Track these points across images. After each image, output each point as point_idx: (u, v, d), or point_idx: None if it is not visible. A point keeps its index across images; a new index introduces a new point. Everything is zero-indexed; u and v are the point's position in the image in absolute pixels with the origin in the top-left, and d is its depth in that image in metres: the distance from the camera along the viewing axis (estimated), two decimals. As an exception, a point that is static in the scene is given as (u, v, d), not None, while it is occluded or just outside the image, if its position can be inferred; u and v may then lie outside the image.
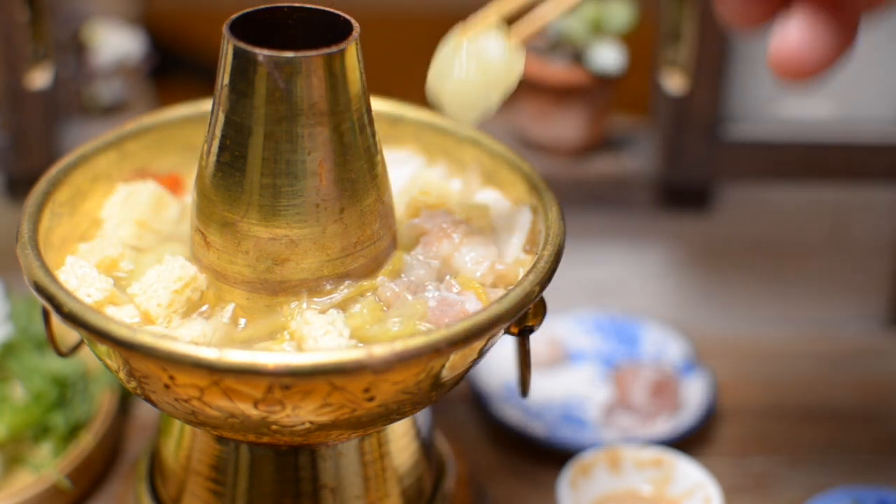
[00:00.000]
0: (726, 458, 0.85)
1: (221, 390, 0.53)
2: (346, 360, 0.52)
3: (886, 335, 1.01)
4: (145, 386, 0.56)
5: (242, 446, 0.64)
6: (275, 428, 0.56)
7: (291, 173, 0.57)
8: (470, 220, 0.65)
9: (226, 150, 0.58)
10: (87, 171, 0.66)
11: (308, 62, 0.55)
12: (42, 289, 0.56)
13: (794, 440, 0.87)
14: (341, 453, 0.65)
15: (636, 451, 0.79)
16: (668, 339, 0.93)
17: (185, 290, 0.59)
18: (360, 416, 0.56)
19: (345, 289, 0.60)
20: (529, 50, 0.96)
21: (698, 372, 0.90)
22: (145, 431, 0.84)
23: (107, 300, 0.59)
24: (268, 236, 0.58)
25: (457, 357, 0.57)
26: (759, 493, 0.82)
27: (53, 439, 0.79)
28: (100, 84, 1.09)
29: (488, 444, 0.86)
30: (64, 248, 0.64)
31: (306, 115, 0.56)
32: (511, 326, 0.61)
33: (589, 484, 0.77)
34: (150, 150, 0.70)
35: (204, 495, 0.66)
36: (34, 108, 0.90)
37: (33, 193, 0.63)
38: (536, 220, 0.65)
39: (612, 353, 0.94)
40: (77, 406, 0.81)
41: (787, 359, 0.97)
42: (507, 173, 0.69)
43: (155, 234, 0.66)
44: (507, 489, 0.81)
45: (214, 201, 0.59)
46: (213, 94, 0.59)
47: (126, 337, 0.53)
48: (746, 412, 0.90)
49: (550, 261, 0.60)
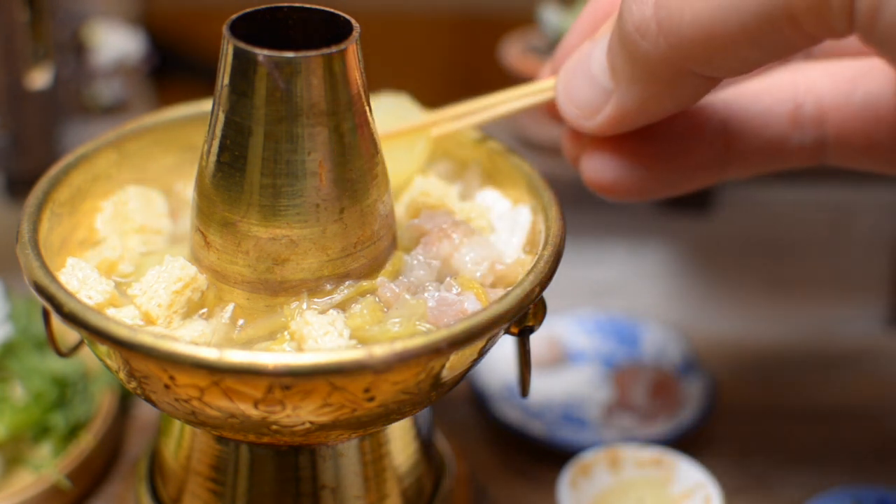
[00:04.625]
0: (726, 458, 0.85)
1: (221, 390, 0.53)
2: (346, 361, 0.52)
3: (886, 335, 1.01)
4: (145, 386, 0.56)
5: (242, 446, 0.64)
6: (275, 428, 0.56)
7: (291, 173, 0.57)
8: (470, 220, 0.65)
9: (226, 150, 0.58)
10: (87, 171, 0.67)
11: (308, 62, 0.55)
12: (42, 289, 0.56)
13: (794, 440, 0.87)
14: (341, 453, 0.65)
15: (636, 451, 0.79)
16: (668, 340, 0.93)
17: (185, 290, 0.59)
18: (361, 417, 0.56)
19: (345, 289, 0.60)
20: (529, 49, 0.96)
21: (698, 372, 0.90)
22: (145, 431, 0.84)
23: (108, 302, 0.59)
24: (268, 236, 0.58)
25: (457, 357, 0.57)
26: (759, 493, 0.82)
27: (53, 439, 0.79)
28: (100, 84, 1.09)
29: (488, 444, 0.86)
30: (64, 249, 0.64)
31: (306, 115, 0.56)
32: (511, 326, 0.61)
33: (589, 484, 0.77)
34: (150, 150, 0.70)
35: (204, 495, 0.66)
36: (34, 108, 0.90)
37: (33, 193, 0.63)
38: (536, 220, 0.65)
39: (612, 354, 0.94)
40: (77, 406, 0.81)
41: (787, 359, 0.97)
42: (507, 173, 0.69)
43: (155, 233, 0.66)
44: (507, 489, 0.81)
45: (214, 201, 0.59)
46: (213, 94, 0.59)
47: (126, 337, 0.53)
48: (746, 412, 0.90)
49: (550, 261, 0.60)
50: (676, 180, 0.63)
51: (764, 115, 0.63)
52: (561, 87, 0.60)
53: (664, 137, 0.62)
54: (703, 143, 0.62)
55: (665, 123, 0.61)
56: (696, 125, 0.62)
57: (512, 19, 1.12)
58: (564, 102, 0.60)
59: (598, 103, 0.57)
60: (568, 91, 0.59)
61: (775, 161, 0.64)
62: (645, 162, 0.61)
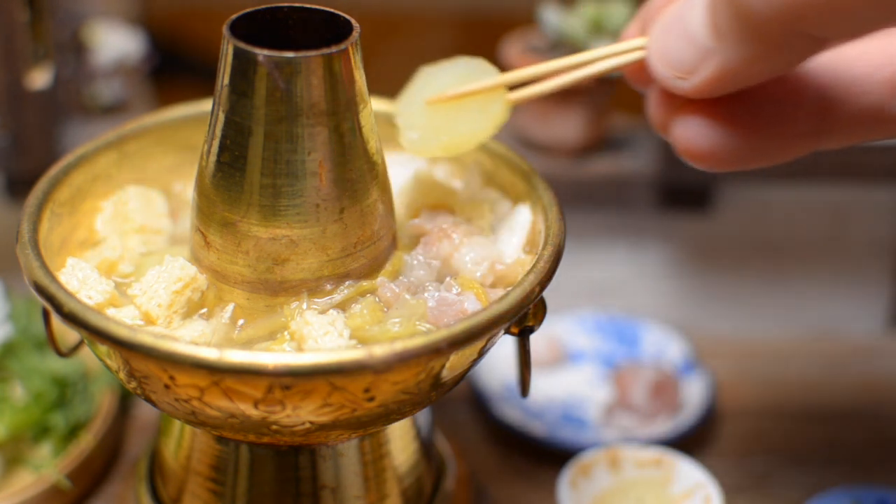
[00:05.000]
0: (726, 458, 0.85)
1: (221, 390, 0.53)
2: (346, 360, 0.52)
3: (886, 335, 1.01)
4: (145, 386, 0.56)
5: (242, 446, 0.64)
6: (275, 428, 0.56)
7: (291, 173, 0.57)
8: (470, 220, 0.65)
9: (226, 150, 0.58)
10: (87, 171, 0.66)
11: (308, 62, 0.55)
12: (42, 289, 0.56)
13: (794, 440, 0.87)
14: (341, 453, 0.65)
15: (636, 451, 0.79)
16: (668, 339, 0.93)
17: (185, 290, 0.59)
18: (361, 417, 0.56)
19: (345, 289, 0.60)
20: (529, 49, 0.97)
21: (698, 372, 0.90)
22: (145, 431, 0.84)
23: (108, 302, 0.59)
24: (268, 236, 0.58)
25: (457, 357, 0.57)
26: (759, 493, 0.82)
27: (53, 439, 0.79)
28: (100, 84, 1.09)
29: (488, 444, 0.86)
30: (64, 249, 0.64)
31: (306, 115, 0.56)
32: (511, 326, 0.61)
33: (589, 484, 0.77)
34: (150, 150, 0.70)
35: (204, 495, 0.66)
36: (34, 108, 0.90)
37: (33, 193, 0.63)
38: (536, 220, 0.65)
39: (612, 353, 0.94)
40: (77, 406, 0.81)
41: (787, 359, 0.97)
42: (507, 173, 0.69)
43: (155, 233, 0.66)
44: (507, 489, 0.81)
45: (214, 201, 0.59)
46: (213, 94, 0.59)
47: (126, 337, 0.53)
48: (746, 412, 0.90)
49: (550, 261, 0.60)
50: (772, 149, 0.59)
51: (862, 82, 0.59)
52: (654, 46, 0.56)
53: (761, 103, 0.58)
54: (801, 110, 0.59)
55: (762, 88, 0.58)
56: (794, 91, 0.59)
57: (512, 19, 1.11)
58: (658, 62, 0.56)
59: (697, 63, 0.54)
60: (662, 50, 0.56)
61: (873, 130, 0.61)
62: (741, 128, 0.58)
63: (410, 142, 0.61)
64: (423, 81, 0.61)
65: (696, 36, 0.53)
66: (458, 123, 0.60)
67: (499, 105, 0.60)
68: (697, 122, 0.57)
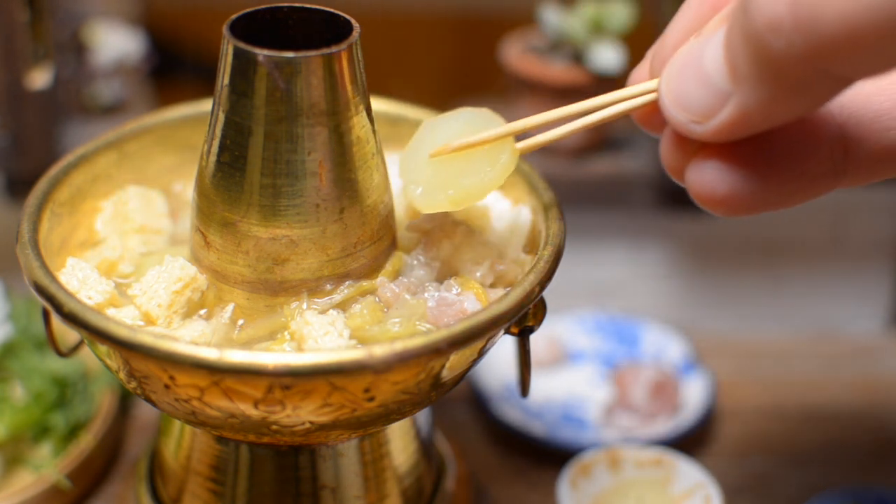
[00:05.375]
0: (726, 458, 0.85)
1: (221, 390, 0.53)
2: (346, 360, 0.52)
3: (886, 335, 1.01)
4: (145, 386, 0.56)
5: (242, 446, 0.64)
6: (275, 428, 0.56)
7: (291, 173, 0.57)
8: (470, 220, 0.65)
9: (226, 150, 0.58)
10: (87, 171, 0.67)
11: (308, 62, 0.55)
12: (42, 289, 0.56)
13: (794, 440, 0.87)
14: (341, 453, 0.65)
15: (636, 451, 0.79)
16: (668, 339, 0.93)
17: (185, 290, 0.59)
18: (361, 417, 0.56)
19: (345, 289, 0.60)
20: (529, 50, 0.96)
21: (698, 372, 0.90)
22: (145, 431, 0.84)
23: (108, 302, 0.59)
24: (268, 236, 0.58)
25: (457, 357, 0.57)
26: (759, 493, 0.82)
27: (53, 439, 0.79)
28: (100, 84, 1.09)
29: (488, 444, 0.86)
30: (64, 249, 0.64)
31: (306, 115, 0.56)
32: (511, 326, 0.61)
33: (589, 484, 0.77)
34: (150, 150, 0.70)
35: (204, 495, 0.66)
36: (34, 108, 0.90)
37: (33, 193, 0.63)
38: (536, 220, 0.65)
39: (612, 353, 0.94)
40: (77, 406, 0.81)
41: (787, 359, 0.97)
42: (507, 173, 0.68)
43: (155, 233, 0.66)
44: (507, 489, 0.81)
45: (214, 201, 0.59)
46: (213, 94, 0.59)
47: (126, 337, 0.53)
48: (746, 412, 0.90)
49: (550, 261, 0.60)
50: (793, 191, 0.57)
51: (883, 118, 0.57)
52: (667, 90, 0.54)
53: (780, 145, 0.56)
54: (821, 150, 0.57)
55: (781, 130, 0.56)
56: (813, 131, 0.57)
57: (512, 19, 1.11)
58: (672, 106, 0.54)
59: (713, 106, 0.52)
60: (676, 93, 0.54)
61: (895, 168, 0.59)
62: (760, 172, 0.55)
63: (415, 197, 0.59)
64: (426, 133, 0.59)
65: (712, 78, 0.51)
66: (464, 176, 0.58)
67: (507, 155, 0.58)
68: (713, 167, 0.55)
